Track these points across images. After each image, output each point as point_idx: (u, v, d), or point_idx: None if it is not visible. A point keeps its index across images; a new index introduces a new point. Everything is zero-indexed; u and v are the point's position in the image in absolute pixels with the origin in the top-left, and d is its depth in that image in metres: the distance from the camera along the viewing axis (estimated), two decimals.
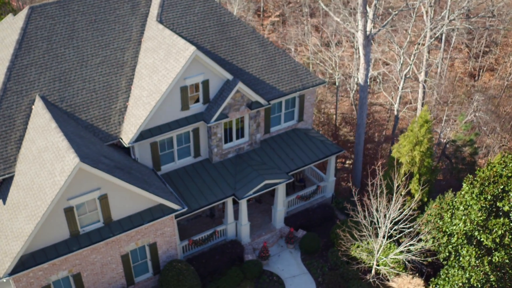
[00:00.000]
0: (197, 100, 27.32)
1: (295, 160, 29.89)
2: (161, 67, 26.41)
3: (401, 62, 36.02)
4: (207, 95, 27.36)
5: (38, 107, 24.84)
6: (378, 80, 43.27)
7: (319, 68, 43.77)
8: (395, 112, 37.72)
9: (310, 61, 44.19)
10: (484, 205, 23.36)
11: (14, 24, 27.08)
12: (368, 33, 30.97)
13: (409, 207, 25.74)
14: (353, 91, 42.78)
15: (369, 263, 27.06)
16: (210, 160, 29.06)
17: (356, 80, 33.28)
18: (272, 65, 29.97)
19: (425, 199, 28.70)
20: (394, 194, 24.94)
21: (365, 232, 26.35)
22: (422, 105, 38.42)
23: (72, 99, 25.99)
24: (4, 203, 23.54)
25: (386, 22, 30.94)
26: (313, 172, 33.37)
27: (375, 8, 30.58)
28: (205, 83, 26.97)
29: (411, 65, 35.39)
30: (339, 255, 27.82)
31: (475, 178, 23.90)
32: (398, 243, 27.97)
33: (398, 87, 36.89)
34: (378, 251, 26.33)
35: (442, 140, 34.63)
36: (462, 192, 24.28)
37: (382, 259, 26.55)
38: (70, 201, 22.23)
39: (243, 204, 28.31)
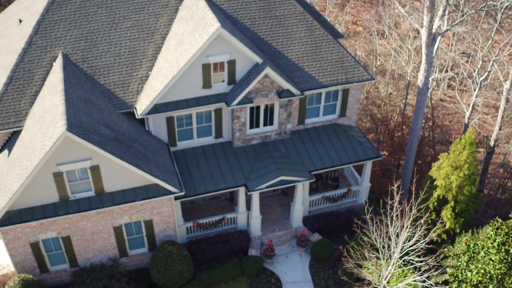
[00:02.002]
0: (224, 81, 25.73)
1: (324, 158, 27.46)
2: (187, 40, 24.99)
3: (479, 66, 31.43)
4: (232, 76, 25.60)
5: (57, 65, 24.63)
6: (452, 82, 38.60)
7: (397, 59, 39.77)
8: (466, 120, 33.36)
9: (391, 51, 40.20)
10: (504, 258, 19.82)
11: None
12: (434, 31, 27.05)
13: (426, 237, 22.62)
14: (431, 89, 38.56)
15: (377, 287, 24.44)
16: (232, 144, 27.52)
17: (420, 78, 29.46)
18: (316, 52, 27.34)
19: (457, 230, 25.14)
20: (406, 221, 21.90)
21: (374, 254, 23.66)
22: (503, 117, 33.64)
23: (95, 61, 25.48)
24: (9, 155, 23.90)
25: (456, 22, 26.76)
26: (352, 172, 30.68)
27: (446, 4, 26.53)
28: (231, 63, 25.17)
29: (489, 71, 30.74)
30: (347, 271, 25.40)
31: (503, 224, 20.31)
32: (416, 269, 24.93)
33: (475, 93, 32.40)
34: (386, 277, 23.59)
35: (507, 162, 30.11)
36: (485, 237, 20.80)
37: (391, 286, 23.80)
38: (59, 166, 21.97)
39: (255, 196, 26.64)
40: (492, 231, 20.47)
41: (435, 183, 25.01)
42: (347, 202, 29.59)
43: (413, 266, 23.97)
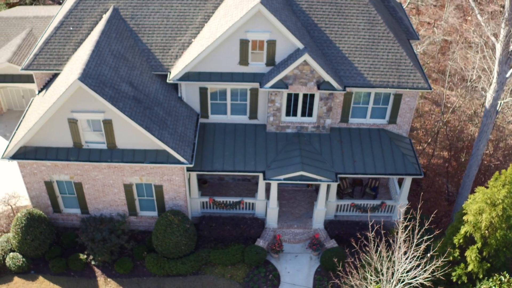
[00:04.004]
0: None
1: (357, 164, 25.35)
2: (231, 12, 24.15)
3: None
4: (271, 57, 24.37)
5: (105, 17, 25.11)
6: None
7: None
8: None
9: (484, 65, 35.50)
10: None
11: None
12: (511, 48, 23.42)
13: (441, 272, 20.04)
14: None
15: None
16: (265, 128, 26.39)
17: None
18: (372, 48, 25.07)
19: (481, 275, 21.89)
20: (406, 250, 19.47)
21: (369, 275, 21.48)
22: None
23: (143, 19, 25.60)
24: (43, 95, 25.01)
25: None
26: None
27: None
28: (271, 44, 23.93)
29: None
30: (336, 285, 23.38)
31: (509, 282, 17.26)
32: None
33: None
34: None
35: None
36: None
37: None
38: (74, 113, 22.51)
39: (273, 186, 25.41)
40: (494, 286, 17.49)
41: (464, 218, 21.96)
42: (380, 215, 27.15)
43: None
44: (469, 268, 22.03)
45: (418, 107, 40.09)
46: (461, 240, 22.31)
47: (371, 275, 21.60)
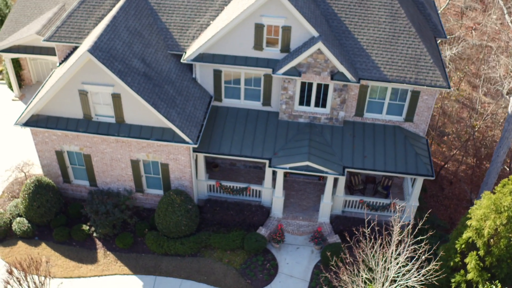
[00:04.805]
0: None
1: (367, 159, 24.70)
2: None
3: None
4: (286, 44, 24.03)
5: None
6: None
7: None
8: None
9: None
10: None
11: None
12: None
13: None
14: None
15: None
16: (278, 116, 26.08)
17: None
18: (391, 42, 24.34)
19: (480, 285, 20.88)
20: (399, 250, 18.77)
21: (360, 271, 20.89)
22: None
23: None
24: (62, 67, 25.53)
25: None
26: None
27: None
28: (286, 30, 23.60)
29: None
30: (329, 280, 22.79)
31: None
32: None
33: None
34: None
35: None
36: None
37: None
38: (84, 85, 22.87)
39: (279, 174, 25.08)
40: None
41: (467, 222, 21.01)
42: (389, 215, 26.37)
43: None
44: (469, 276, 21.11)
45: (451, 111, 38.79)
46: (463, 246, 21.38)
47: (364, 273, 21.02)
